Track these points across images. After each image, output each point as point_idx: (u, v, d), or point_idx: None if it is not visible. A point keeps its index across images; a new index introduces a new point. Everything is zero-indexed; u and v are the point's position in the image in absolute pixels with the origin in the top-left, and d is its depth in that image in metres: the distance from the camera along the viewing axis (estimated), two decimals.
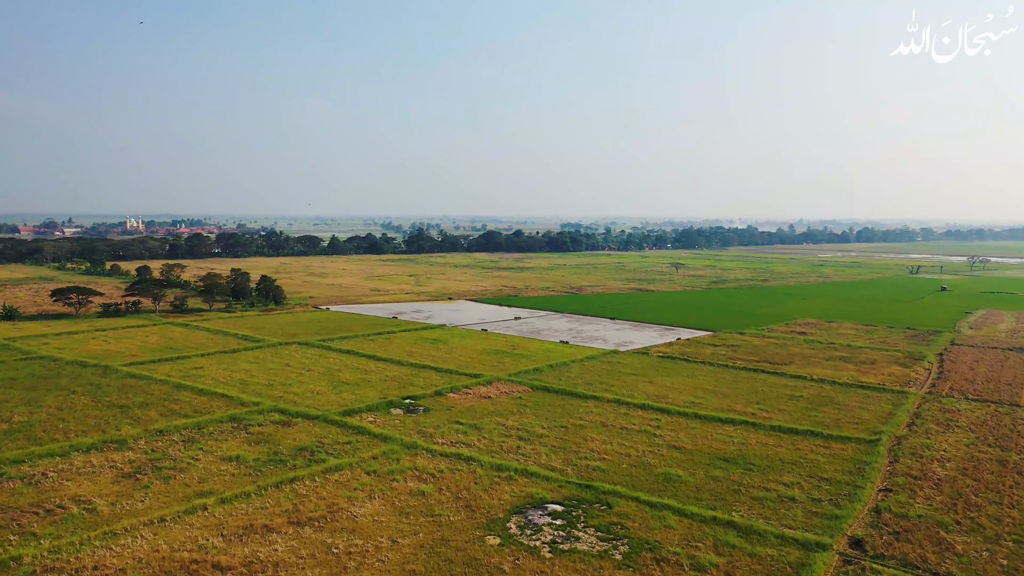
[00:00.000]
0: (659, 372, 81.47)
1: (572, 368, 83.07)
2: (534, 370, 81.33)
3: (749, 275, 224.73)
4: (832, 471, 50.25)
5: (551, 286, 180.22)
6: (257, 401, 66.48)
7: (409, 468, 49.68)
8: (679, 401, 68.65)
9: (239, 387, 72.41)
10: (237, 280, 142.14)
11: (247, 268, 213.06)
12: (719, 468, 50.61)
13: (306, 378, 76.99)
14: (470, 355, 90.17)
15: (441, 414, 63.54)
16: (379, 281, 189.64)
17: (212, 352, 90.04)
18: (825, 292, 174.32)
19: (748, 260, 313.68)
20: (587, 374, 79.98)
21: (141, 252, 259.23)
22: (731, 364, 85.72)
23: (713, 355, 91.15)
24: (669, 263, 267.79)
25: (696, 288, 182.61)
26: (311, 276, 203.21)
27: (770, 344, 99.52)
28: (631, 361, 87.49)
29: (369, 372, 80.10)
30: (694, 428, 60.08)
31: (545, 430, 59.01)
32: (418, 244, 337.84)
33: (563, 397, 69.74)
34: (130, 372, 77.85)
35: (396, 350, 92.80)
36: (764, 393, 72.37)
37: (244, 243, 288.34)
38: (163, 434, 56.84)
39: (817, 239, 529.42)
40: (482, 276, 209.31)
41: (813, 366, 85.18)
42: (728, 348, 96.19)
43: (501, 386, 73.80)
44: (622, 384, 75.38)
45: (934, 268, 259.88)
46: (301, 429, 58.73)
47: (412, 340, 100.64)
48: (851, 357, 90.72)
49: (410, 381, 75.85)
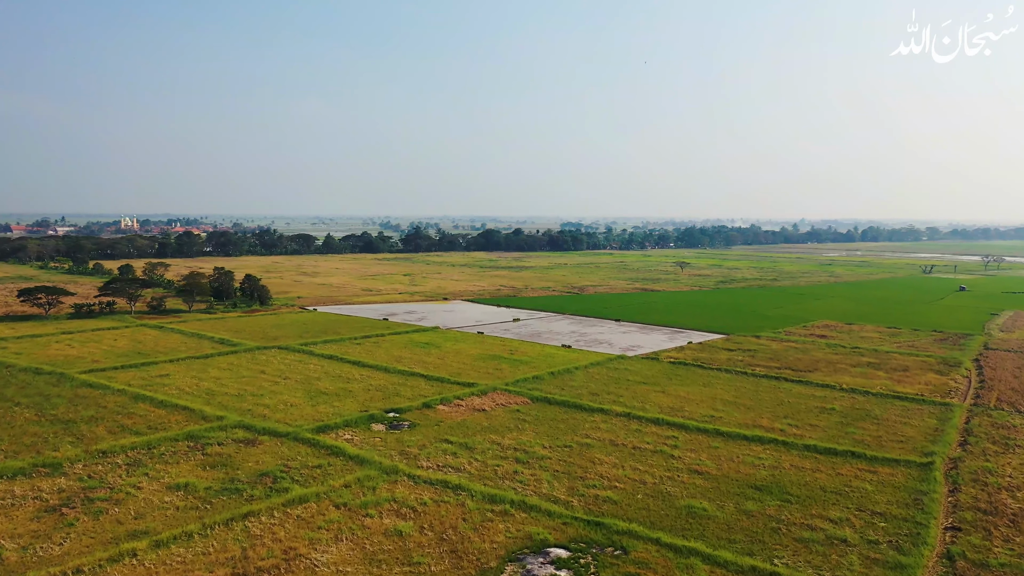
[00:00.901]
0: (672, 380, 73.87)
1: (576, 376, 75.50)
2: (534, 378, 73.77)
3: (757, 274, 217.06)
4: (885, 503, 42.65)
5: (552, 286, 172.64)
6: (221, 415, 58.87)
7: (386, 500, 42.09)
8: (697, 415, 61.05)
9: (204, 398, 64.82)
10: (220, 279, 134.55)
11: (238, 267, 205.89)
12: (751, 499, 43.03)
13: (281, 387, 69.41)
14: (464, 361, 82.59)
15: (428, 430, 55.96)
16: (372, 281, 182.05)
17: (182, 357, 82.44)
18: (839, 292, 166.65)
19: (754, 259, 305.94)
20: (592, 383, 72.41)
21: (129, 251, 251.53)
22: (750, 371, 78.12)
23: (729, 361, 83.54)
24: (674, 262, 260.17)
25: (704, 288, 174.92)
26: (302, 275, 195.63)
27: (790, 349, 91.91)
28: (640, 368, 79.89)
29: (352, 380, 72.51)
30: (717, 448, 52.47)
31: (546, 450, 51.43)
32: (415, 243, 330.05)
33: (566, 410, 62.16)
34: (87, 380, 70.23)
35: (383, 355, 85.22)
36: (791, 405, 64.76)
37: (236, 242, 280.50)
38: (106, 456, 49.25)
39: (822, 238, 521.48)
40: (480, 275, 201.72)
41: (840, 373, 77.58)
42: (745, 353, 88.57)
43: (497, 397, 66.20)
44: (631, 395, 67.78)
45: (947, 268, 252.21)
46: (266, 449, 51.16)
47: (402, 344, 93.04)
48: (880, 363, 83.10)
49: (396, 391, 68.26)
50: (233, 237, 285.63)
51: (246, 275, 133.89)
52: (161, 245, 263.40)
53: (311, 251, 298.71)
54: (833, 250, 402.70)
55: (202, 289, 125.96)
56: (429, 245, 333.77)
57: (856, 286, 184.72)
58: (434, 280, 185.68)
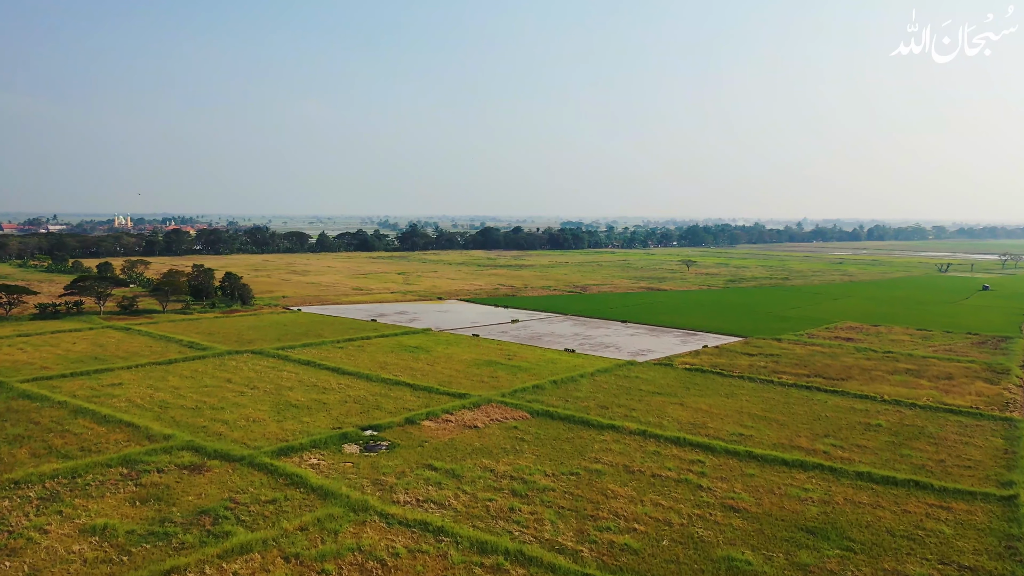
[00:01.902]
0: (690, 390, 65.41)
1: (581, 385, 67.06)
2: (534, 387, 65.34)
3: (767, 273, 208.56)
4: (971, 553, 34.23)
5: (553, 285, 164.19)
6: (169, 433, 50.43)
7: (350, 549, 33.67)
8: (723, 432, 52.63)
9: (155, 412, 56.39)
10: (199, 278, 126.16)
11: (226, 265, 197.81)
12: (805, 547, 34.59)
13: (246, 399, 60.96)
14: (455, 368, 74.14)
15: (410, 452, 47.54)
16: (364, 279, 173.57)
17: (143, 363, 74.02)
18: (856, 292, 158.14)
19: (761, 258, 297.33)
20: (600, 393, 63.96)
21: (115, 249, 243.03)
22: (776, 379, 69.66)
23: (751, 367, 75.10)
24: (679, 260, 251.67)
25: (713, 287, 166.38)
26: (291, 274, 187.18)
27: (816, 353, 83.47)
28: (653, 375, 71.43)
29: (328, 390, 64.06)
30: (752, 476, 44.01)
31: (549, 479, 43.00)
32: (412, 241, 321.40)
33: (572, 426, 53.72)
34: (26, 391, 61.78)
35: (367, 361, 76.79)
36: (830, 420, 56.31)
37: (226, 240, 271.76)
38: (18, 487, 40.81)
39: (827, 237, 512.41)
40: (477, 274, 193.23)
41: (878, 382, 69.15)
42: (767, 358, 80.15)
43: (492, 410, 57.75)
44: (646, 407, 59.35)
45: (962, 266, 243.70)
46: (214, 478, 42.73)
47: (388, 348, 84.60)
48: (920, 370, 74.65)
49: (377, 403, 59.81)
50: (223, 235, 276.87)
51: (226, 273, 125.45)
52: (149, 243, 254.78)
53: (304, 249, 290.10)
54: (840, 249, 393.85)
55: (179, 288, 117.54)
56: (426, 243, 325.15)
57: (873, 285, 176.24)
58: (429, 279, 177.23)
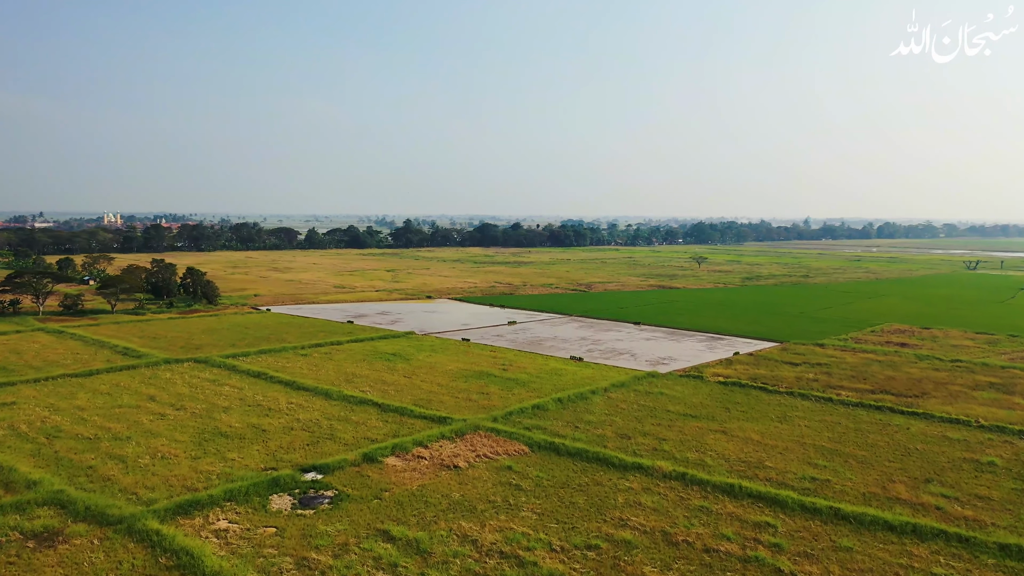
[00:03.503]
0: (731, 412, 51.83)
1: (593, 404, 53.49)
2: (534, 408, 51.78)
3: (784, 271, 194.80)
4: None
5: (554, 283, 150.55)
6: (37, 479, 36.88)
7: None
8: (790, 475, 39.04)
9: (36, 445, 42.82)
10: (159, 274, 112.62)
11: (206, 262, 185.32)
12: None
13: (164, 424, 47.37)
14: (438, 381, 60.57)
15: (361, 510, 34.02)
16: (349, 277, 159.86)
17: (56, 375, 60.41)
18: (888, 290, 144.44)
19: (772, 255, 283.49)
20: (618, 416, 50.40)
21: (90, 245, 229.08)
22: (835, 396, 56.10)
23: (800, 381, 61.52)
24: (689, 257, 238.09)
25: (729, 285, 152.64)
26: (272, 271, 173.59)
27: (871, 362, 69.91)
28: (681, 391, 57.84)
29: (273, 412, 50.51)
30: (850, 551, 30.43)
31: (557, 558, 29.47)
32: (406, 238, 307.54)
33: (585, 466, 40.14)
34: None
35: (332, 372, 63.24)
36: (924, 457, 42.71)
37: (210, 236, 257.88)
38: None
39: (836, 235, 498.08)
40: (472, 271, 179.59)
41: (961, 400, 55.60)
42: (815, 368, 66.59)
43: (479, 441, 44.17)
44: (679, 436, 45.78)
45: (989, 264, 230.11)
46: (67, 556, 29.19)
47: (361, 355, 71.05)
48: (1007, 385, 61.06)
49: (331, 431, 46.24)
50: (207, 231, 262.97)
51: (188, 269, 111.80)
52: (127, 239, 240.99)
53: (293, 246, 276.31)
54: (852, 246, 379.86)
55: (134, 286, 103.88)
56: (421, 240, 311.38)
57: (902, 283, 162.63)
58: (420, 276, 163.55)
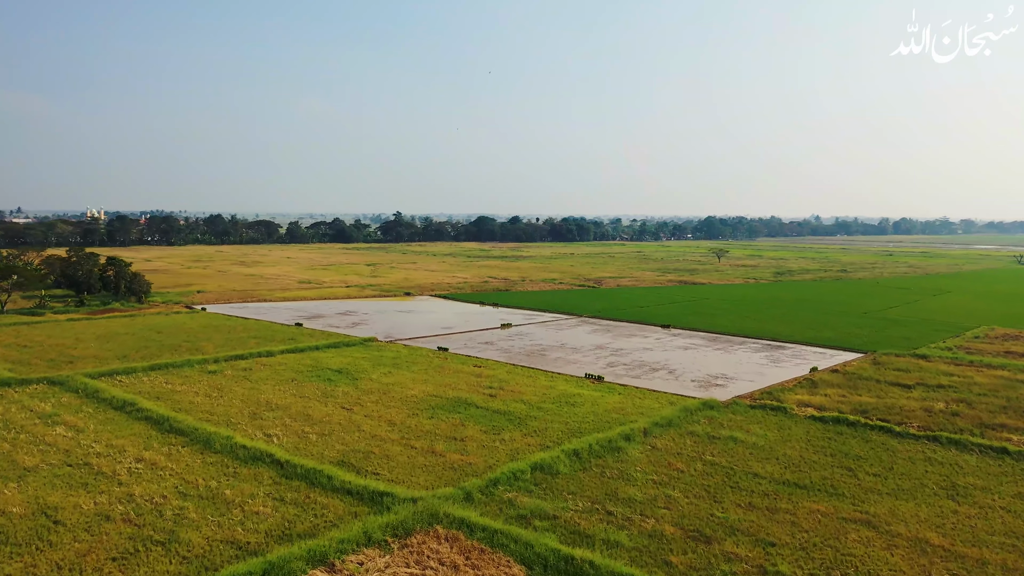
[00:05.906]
0: (859, 478, 31.48)
1: (630, 461, 33.10)
2: (535, 471, 31.38)
3: (816, 265, 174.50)
4: None
5: (557, 277, 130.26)
6: None
7: None
8: None
9: None
10: (76, 266, 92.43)
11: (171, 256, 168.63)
12: None
13: None
14: (390, 416, 40.13)
15: None
16: (321, 272, 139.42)
17: None
18: (949, 286, 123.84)
19: (793, 250, 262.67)
20: (676, 486, 30.03)
21: (47, 239, 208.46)
22: (1011, 446, 35.79)
23: (929, 415, 41.20)
24: (706, 251, 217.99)
25: (761, 280, 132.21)
26: (236, 265, 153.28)
27: (1015, 383, 49.61)
28: (762, 434, 37.42)
29: (99, 479, 30.22)
30: None
31: None
32: (396, 232, 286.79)
33: None
34: None
35: (236, 401, 42.87)
36: None
37: (181, 229, 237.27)
38: None
39: (851, 231, 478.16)
40: (464, 266, 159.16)
41: None
42: (940, 393, 46.29)
43: (435, 553, 23.73)
44: (793, 533, 25.44)
45: None
46: None
47: (292, 372, 50.63)
48: None
49: (173, 526, 25.80)
50: (177, 224, 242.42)
51: (109, 259, 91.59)
52: (88, 232, 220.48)
53: (272, 240, 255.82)
54: (871, 242, 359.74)
55: (32, 279, 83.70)
56: (412, 235, 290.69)
57: (958, 278, 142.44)
58: (402, 271, 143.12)
